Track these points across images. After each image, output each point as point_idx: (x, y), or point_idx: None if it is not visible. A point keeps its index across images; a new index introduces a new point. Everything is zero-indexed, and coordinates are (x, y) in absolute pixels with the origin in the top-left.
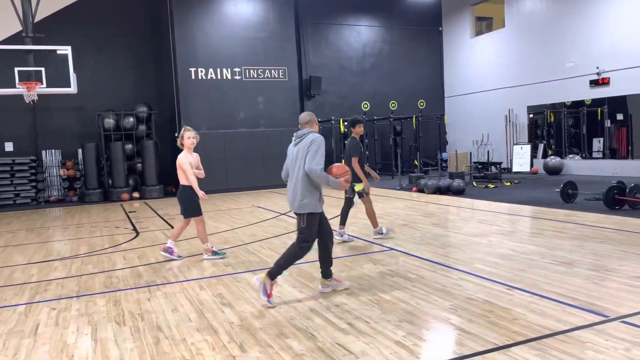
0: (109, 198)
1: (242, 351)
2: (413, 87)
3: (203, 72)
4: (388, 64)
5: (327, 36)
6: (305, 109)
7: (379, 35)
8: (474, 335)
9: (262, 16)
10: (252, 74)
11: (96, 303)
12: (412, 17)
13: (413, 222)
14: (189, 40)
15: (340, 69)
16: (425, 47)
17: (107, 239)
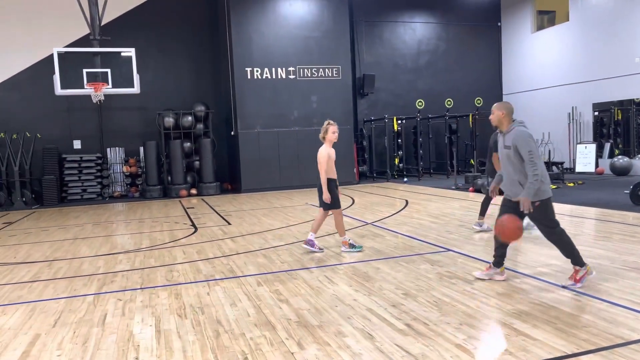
0: (168, 194)
1: (300, 348)
2: (470, 85)
3: (258, 71)
4: (444, 61)
5: (381, 34)
6: (358, 107)
7: (434, 32)
8: (539, 341)
9: (316, 15)
10: (306, 72)
11: (159, 295)
12: (470, 13)
13: (470, 223)
14: (245, 41)
15: (394, 67)
16: (483, 43)
17: (167, 234)
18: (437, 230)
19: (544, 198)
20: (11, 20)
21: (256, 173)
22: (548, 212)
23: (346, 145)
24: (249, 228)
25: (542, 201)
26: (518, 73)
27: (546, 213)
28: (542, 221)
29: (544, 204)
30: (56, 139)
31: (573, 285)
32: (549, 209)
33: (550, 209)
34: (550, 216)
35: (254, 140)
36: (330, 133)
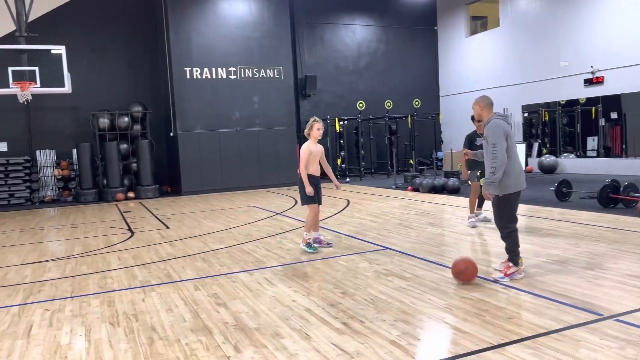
0: (104, 198)
1: (236, 351)
2: (408, 87)
3: (198, 71)
4: (383, 63)
5: (322, 35)
6: (301, 108)
7: (374, 34)
8: (468, 334)
9: (257, 15)
10: (247, 73)
11: (90, 304)
12: (407, 17)
13: (408, 221)
14: (184, 40)
15: (336, 69)
16: (421, 46)
17: (102, 239)
18: (376, 229)
19: (508, 193)
20: None
21: (197, 175)
22: (507, 207)
23: (289, 146)
24: (188, 231)
25: (505, 195)
26: (453, 75)
27: (505, 207)
28: (499, 212)
29: (506, 198)
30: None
31: (501, 278)
32: (509, 204)
33: (511, 204)
34: (508, 212)
35: (195, 141)
36: (315, 130)
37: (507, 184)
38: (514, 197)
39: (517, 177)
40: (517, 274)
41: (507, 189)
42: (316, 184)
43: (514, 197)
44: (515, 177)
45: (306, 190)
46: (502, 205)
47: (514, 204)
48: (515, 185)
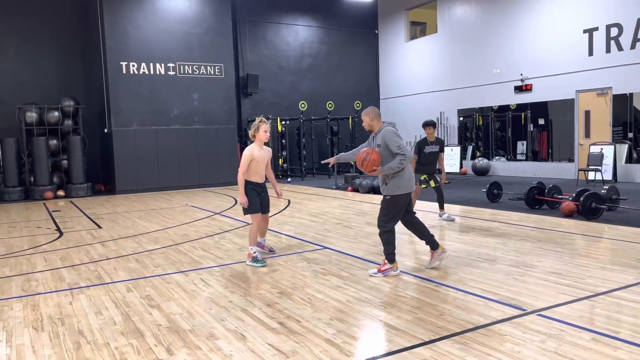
0: (31, 196)
1: (169, 354)
2: (350, 88)
3: (135, 66)
4: (325, 65)
5: (264, 34)
6: (242, 107)
7: (316, 35)
8: (401, 331)
9: (198, 11)
10: (187, 69)
11: (12, 308)
12: (350, 19)
13: (347, 220)
14: (119, 33)
15: (278, 68)
16: (362, 49)
17: (27, 239)
18: (315, 229)
19: (396, 194)
20: None
21: (132, 173)
22: (392, 208)
23: (229, 145)
24: (121, 231)
25: (392, 196)
26: (393, 79)
27: (390, 207)
28: (383, 211)
29: (393, 198)
30: None
31: (375, 274)
32: (395, 205)
33: (396, 206)
34: (391, 212)
35: (130, 138)
36: (261, 132)
37: (398, 185)
38: (401, 199)
39: (408, 181)
40: (392, 270)
41: (397, 190)
42: (260, 191)
43: (403, 199)
44: (406, 180)
45: (240, 201)
46: (389, 205)
47: (399, 207)
48: (406, 187)
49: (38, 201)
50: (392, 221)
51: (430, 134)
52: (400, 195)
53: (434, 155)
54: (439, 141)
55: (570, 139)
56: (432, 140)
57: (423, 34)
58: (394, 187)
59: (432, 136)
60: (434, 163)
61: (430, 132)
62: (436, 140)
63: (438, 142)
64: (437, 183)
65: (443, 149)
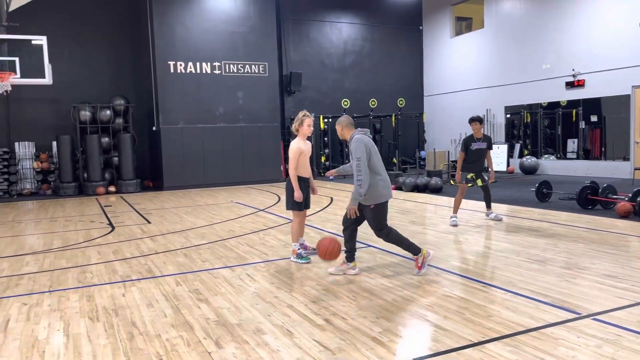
0: (85, 192)
1: (218, 347)
2: (393, 86)
3: (182, 65)
4: (368, 62)
5: (308, 32)
6: (285, 105)
7: (360, 32)
8: (449, 331)
9: (243, 10)
10: (232, 68)
11: (69, 298)
12: (393, 16)
13: (390, 219)
14: (168, 33)
15: (321, 66)
16: (406, 45)
17: (81, 233)
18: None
19: (379, 202)
20: None
21: (179, 170)
22: (379, 215)
23: (273, 142)
24: (169, 227)
25: (377, 205)
26: (438, 75)
27: (377, 216)
28: (371, 222)
29: (377, 207)
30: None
31: (418, 272)
32: (380, 212)
33: (382, 212)
34: (380, 219)
35: (177, 136)
36: (305, 125)
37: (379, 193)
38: (385, 205)
39: (384, 189)
40: (426, 258)
41: (380, 198)
42: (306, 187)
43: (385, 205)
44: (383, 187)
45: (295, 196)
46: (376, 213)
47: (384, 211)
48: (386, 193)
49: (91, 196)
50: (385, 227)
51: (476, 130)
52: (383, 202)
53: (481, 152)
54: (487, 138)
55: (626, 136)
56: (478, 137)
57: (469, 29)
58: (374, 196)
59: (478, 132)
60: (481, 161)
61: (477, 128)
62: (483, 137)
63: (485, 138)
64: (484, 182)
65: (491, 146)
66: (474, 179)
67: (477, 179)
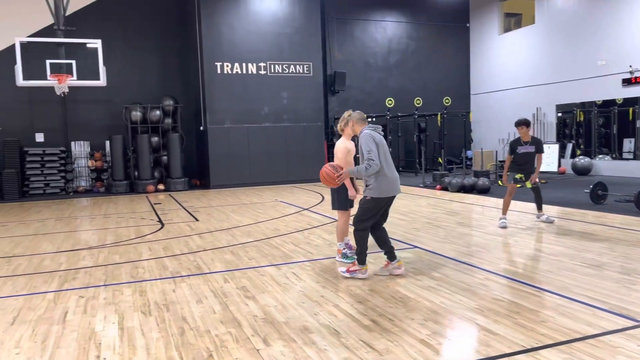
0: (135, 189)
1: (265, 345)
2: (438, 84)
3: (228, 66)
4: (413, 60)
5: (352, 32)
6: (329, 104)
7: (405, 31)
8: (500, 336)
9: (288, 11)
10: (277, 69)
11: (123, 292)
12: (439, 13)
13: (437, 220)
14: (215, 35)
15: (365, 65)
16: (452, 43)
17: (133, 229)
18: (404, 227)
19: (376, 196)
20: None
21: (225, 169)
22: (368, 210)
23: (317, 142)
24: (216, 224)
25: (373, 198)
26: (485, 73)
27: (366, 209)
28: (360, 210)
29: (369, 201)
30: (17, 132)
31: (344, 272)
32: (371, 207)
33: (372, 208)
34: (366, 214)
35: (224, 135)
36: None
37: (380, 188)
38: (381, 202)
39: (390, 184)
40: (360, 273)
41: (375, 193)
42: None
43: (382, 202)
44: (388, 182)
45: (350, 194)
46: (368, 206)
47: (377, 209)
48: (384, 192)
49: (141, 194)
50: (367, 222)
51: (524, 134)
52: (381, 198)
53: (529, 156)
54: (535, 141)
55: None
56: (526, 140)
57: (518, 25)
58: (375, 189)
59: (526, 136)
60: (530, 163)
61: (524, 131)
62: (532, 140)
63: (534, 142)
64: (534, 184)
65: (541, 149)
66: (522, 180)
67: (527, 181)
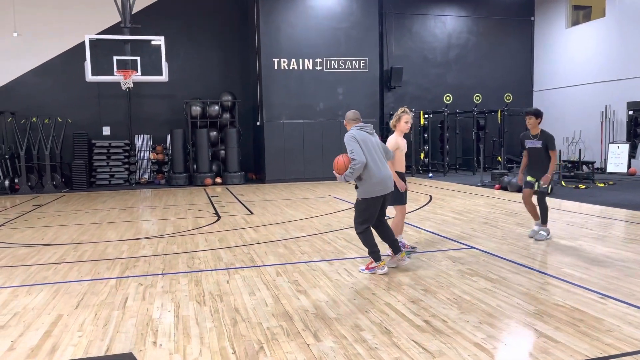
0: (194, 182)
1: (316, 340)
2: (499, 80)
3: (285, 62)
4: (473, 56)
5: (410, 26)
6: (385, 100)
7: (465, 25)
8: (561, 344)
9: (346, 6)
10: (333, 64)
11: (179, 282)
12: (502, 7)
13: (495, 220)
14: (273, 31)
15: (423, 60)
16: (515, 38)
17: (190, 221)
18: (460, 227)
19: (365, 197)
20: (46, 7)
21: (280, 164)
22: (363, 211)
23: None
24: (271, 218)
25: (363, 199)
26: (550, 69)
27: (361, 211)
28: (356, 213)
29: (364, 201)
30: (86, 125)
31: (363, 270)
32: (365, 208)
33: (366, 209)
34: (363, 215)
35: (279, 130)
36: (402, 122)
37: (367, 189)
38: (372, 202)
39: (377, 185)
40: (378, 269)
41: (367, 193)
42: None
43: (374, 202)
44: (374, 184)
45: (400, 186)
46: (361, 208)
47: (371, 209)
48: (376, 191)
49: (199, 187)
50: (366, 223)
51: (532, 126)
52: (371, 198)
53: (536, 152)
54: (544, 135)
55: None
56: (534, 133)
57: (587, 18)
58: (363, 191)
59: (534, 128)
60: (540, 162)
61: (531, 123)
62: (540, 134)
63: (542, 136)
64: (540, 188)
65: (552, 146)
66: (532, 183)
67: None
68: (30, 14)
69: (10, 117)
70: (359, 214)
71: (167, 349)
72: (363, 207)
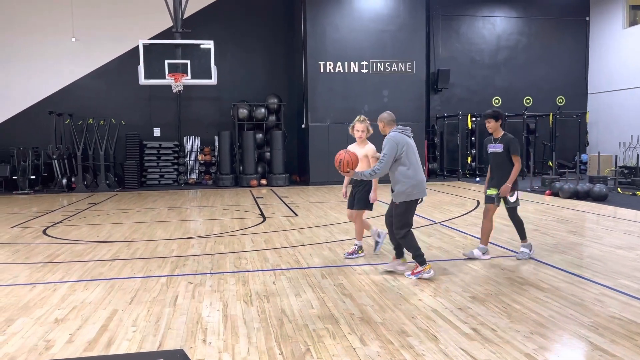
0: (240, 183)
1: (362, 344)
2: (551, 83)
3: (331, 65)
4: (524, 57)
5: (458, 28)
6: (431, 103)
7: (515, 26)
8: (618, 358)
9: (392, 8)
10: (379, 67)
11: (227, 281)
12: (554, 7)
13: (545, 227)
14: (319, 34)
15: (471, 62)
16: (568, 38)
17: (237, 221)
18: (509, 234)
19: (403, 201)
20: (102, 14)
21: (325, 166)
22: (403, 214)
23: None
24: (315, 220)
25: (401, 203)
26: (606, 71)
27: (401, 214)
28: (395, 218)
29: (401, 205)
30: (138, 126)
31: (409, 275)
32: (404, 212)
33: (405, 212)
34: (403, 218)
35: (324, 133)
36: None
37: (402, 192)
38: (411, 205)
39: (413, 188)
40: (424, 273)
41: (403, 197)
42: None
43: (409, 205)
44: (410, 187)
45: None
46: (399, 212)
47: (410, 212)
48: (412, 194)
49: (245, 188)
50: (406, 227)
51: (492, 130)
52: (409, 201)
53: (498, 157)
54: (506, 138)
55: None
56: (496, 137)
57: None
58: (399, 194)
59: (496, 132)
60: (502, 170)
61: (491, 126)
62: (501, 137)
63: (504, 139)
64: (507, 203)
65: (514, 150)
66: (492, 197)
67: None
68: (88, 20)
69: (68, 119)
70: (398, 218)
71: (217, 347)
72: (402, 210)
